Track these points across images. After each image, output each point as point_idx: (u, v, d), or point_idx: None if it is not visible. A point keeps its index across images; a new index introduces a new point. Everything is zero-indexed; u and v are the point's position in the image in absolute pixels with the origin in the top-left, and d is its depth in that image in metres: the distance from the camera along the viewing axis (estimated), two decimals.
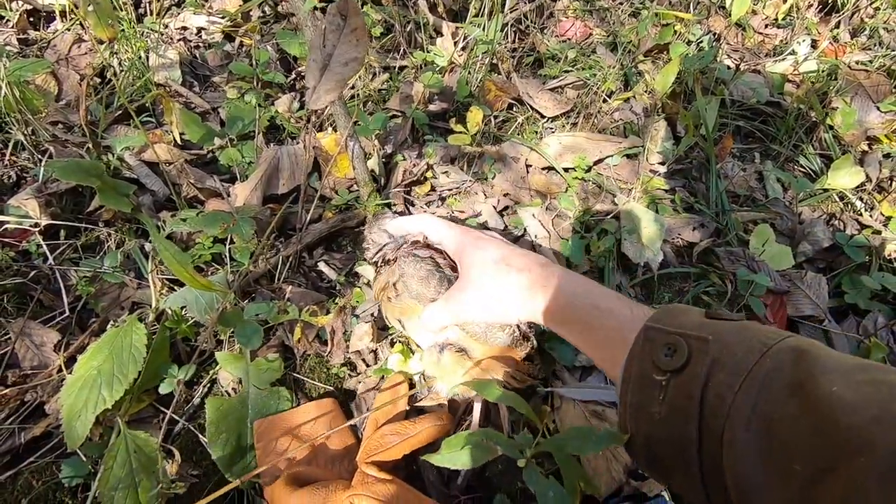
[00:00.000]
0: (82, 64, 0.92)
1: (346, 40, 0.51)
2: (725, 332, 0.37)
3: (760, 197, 0.91)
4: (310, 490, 0.50)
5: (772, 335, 0.36)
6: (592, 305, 0.48)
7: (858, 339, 0.74)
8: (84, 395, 0.52)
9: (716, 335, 0.36)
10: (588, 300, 0.48)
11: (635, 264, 0.77)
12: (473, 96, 0.94)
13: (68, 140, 0.75)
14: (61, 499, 0.53)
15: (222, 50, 1.01)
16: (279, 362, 0.61)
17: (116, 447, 0.51)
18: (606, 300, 0.48)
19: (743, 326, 0.37)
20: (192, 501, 0.54)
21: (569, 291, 0.50)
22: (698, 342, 0.37)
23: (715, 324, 0.38)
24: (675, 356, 0.37)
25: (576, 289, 0.50)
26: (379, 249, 0.60)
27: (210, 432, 0.55)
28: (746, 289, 0.75)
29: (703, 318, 0.40)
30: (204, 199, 0.72)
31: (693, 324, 0.39)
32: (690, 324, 0.39)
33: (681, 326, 0.39)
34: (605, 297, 0.48)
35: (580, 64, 1.06)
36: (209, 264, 0.67)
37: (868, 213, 0.91)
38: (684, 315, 0.41)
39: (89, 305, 0.63)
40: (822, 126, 0.98)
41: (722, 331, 0.37)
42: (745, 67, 1.10)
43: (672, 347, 0.38)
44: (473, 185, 0.84)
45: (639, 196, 0.86)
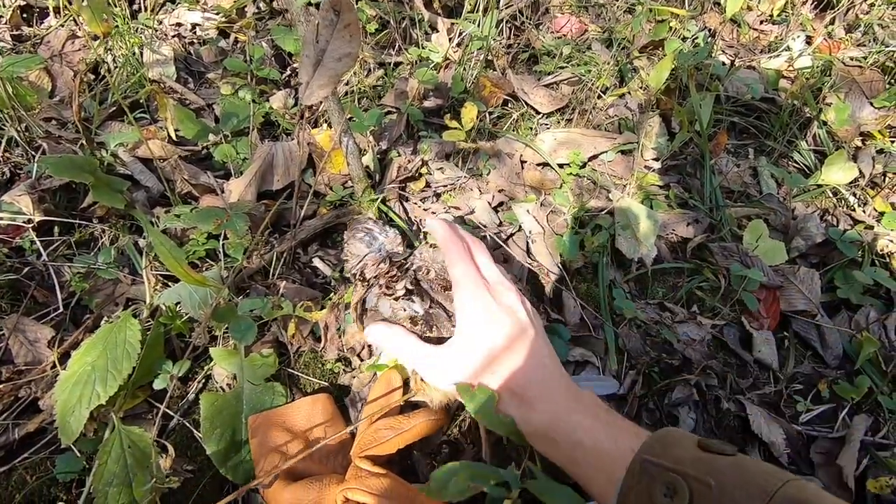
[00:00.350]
0: (76, 60, 0.92)
1: (340, 36, 0.51)
2: (725, 475, 0.36)
3: (754, 193, 0.92)
4: (304, 484, 0.50)
5: (771, 479, 0.35)
6: (576, 442, 0.45)
7: (850, 334, 0.75)
8: (78, 391, 0.52)
9: (717, 478, 0.36)
10: (573, 437, 0.45)
11: (629, 260, 0.77)
12: (468, 92, 0.94)
13: (62, 136, 0.75)
14: (56, 494, 0.53)
15: (217, 46, 1.01)
16: (274, 358, 0.61)
17: (111, 443, 0.51)
18: (591, 434, 0.45)
19: (741, 467, 0.37)
20: (187, 496, 0.54)
21: (557, 427, 0.47)
22: (699, 486, 0.36)
23: (712, 461, 0.38)
24: (676, 499, 0.36)
25: (560, 423, 0.46)
26: (358, 261, 0.57)
27: (205, 428, 0.55)
28: (740, 284, 0.76)
29: (699, 452, 0.39)
30: (198, 195, 0.72)
31: (690, 460, 0.38)
32: (688, 459, 0.38)
33: (678, 462, 0.38)
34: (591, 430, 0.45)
35: (575, 60, 1.06)
36: (203, 260, 0.67)
37: (861, 208, 0.91)
38: (679, 447, 0.40)
39: (83, 302, 0.63)
40: (815, 122, 0.99)
41: (722, 472, 0.37)
42: (740, 63, 1.10)
43: (671, 487, 0.37)
44: (468, 181, 0.84)
45: (633, 192, 0.86)
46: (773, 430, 0.64)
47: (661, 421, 0.64)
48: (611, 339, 0.68)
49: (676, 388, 0.65)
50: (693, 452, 0.39)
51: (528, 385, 0.49)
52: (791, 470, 0.63)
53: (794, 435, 0.65)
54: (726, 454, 0.38)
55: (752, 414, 0.65)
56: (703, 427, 0.64)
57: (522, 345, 0.50)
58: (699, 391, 0.66)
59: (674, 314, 0.74)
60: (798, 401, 0.69)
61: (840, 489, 0.61)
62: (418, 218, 0.79)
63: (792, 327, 0.76)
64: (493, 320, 0.50)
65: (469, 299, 0.51)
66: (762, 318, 0.75)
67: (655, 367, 0.67)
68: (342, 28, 0.51)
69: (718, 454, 0.39)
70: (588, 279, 0.76)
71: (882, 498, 0.60)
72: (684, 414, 0.64)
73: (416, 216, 0.79)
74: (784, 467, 0.63)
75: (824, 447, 0.65)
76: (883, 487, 0.59)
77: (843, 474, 0.61)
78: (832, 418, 0.69)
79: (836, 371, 0.73)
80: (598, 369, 0.66)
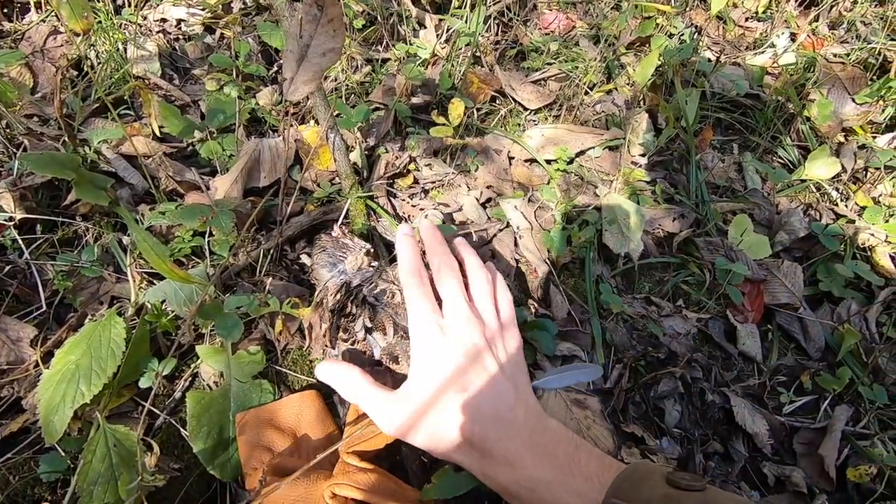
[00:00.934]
0: (58, 56, 0.90)
1: (324, 31, 0.51)
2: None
3: (739, 188, 0.93)
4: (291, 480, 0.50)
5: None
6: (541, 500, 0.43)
7: (832, 326, 0.76)
8: (62, 390, 0.52)
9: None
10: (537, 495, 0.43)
11: (616, 255, 0.78)
12: (456, 89, 0.94)
13: (44, 133, 0.74)
14: (40, 494, 0.52)
15: (202, 42, 1.00)
16: (261, 355, 0.60)
17: (95, 441, 0.51)
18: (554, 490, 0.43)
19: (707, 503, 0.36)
20: (174, 495, 0.54)
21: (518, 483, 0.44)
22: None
23: (680, 499, 0.37)
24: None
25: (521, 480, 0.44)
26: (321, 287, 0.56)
27: (191, 426, 0.55)
28: (725, 278, 0.77)
29: (667, 489, 0.38)
30: (183, 192, 0.71)
31: (658, 499, 0.37)
32: (656, 499, 0.37)
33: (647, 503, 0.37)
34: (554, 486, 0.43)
35: (563, 56, 1.06)
36: (189, 258, 0.67)
37: (843, 203, 0.93)
38: (648, 485, 0.39)
39: (67, 300, 0.62)
40: (799, 118, 1.00)
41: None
42: (726, 60, 1.11)
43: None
44: (456, 177, 0.84)
45: (620, 187, 0.87)
46: (757, 421, 0.65)
47: (647, 414, 0.65)
48: (598, 334, 0.69)
49: (662, 380, 0.66)
50: (661, 490, 0.38)
51: (486, 439, 0.45)
52: (774, 460, 0.64)
53: (778, 426, 0.67)
54: (694, 489, 0.38)
55: (737, 406, 0.65)
56: (688, 419, 0.65)
57: (481, 393, 0.47)
58: (684, 384, 0.67)
59: (660, 308, 0.74)
60: (781, 392, 0.70)
61: (822, 478, 0.62)
62: (406, 214, 0.79)
63: (776, 320, 0.77)
64: (445, 365, 0.47)
65: (418, 340, 0.49)
66: (746, 311, 0.76)
67: (642, 361, 0.68)
68: (326, 22, 0.50)
69: (687, 490, 0.38)
70: (575, 274, 0.77)
71: (862, 486, 0.62)
72: (670, 406, 0.65)
73: (405, 212, 0.79)
74: (768, 458, 0.64)
75: (807, 437, 0.66)
76: (863, 476, 0.60)
77: (825, 464, 0.62)
78: (814, 409, 0.70)
79: (819, 363, 0.74)
80: (586, 362, 0.66)
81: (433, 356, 0.49)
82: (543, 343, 0.65)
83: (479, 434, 0.46)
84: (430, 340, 0.49)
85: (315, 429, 0.57)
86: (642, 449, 0.60)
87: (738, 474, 0.63)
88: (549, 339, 0.66)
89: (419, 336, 0.50)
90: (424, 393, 0.48)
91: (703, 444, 0.64)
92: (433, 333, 0.49)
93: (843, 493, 0.63)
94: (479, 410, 0.46)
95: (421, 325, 0.50)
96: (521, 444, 0.45)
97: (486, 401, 0.47)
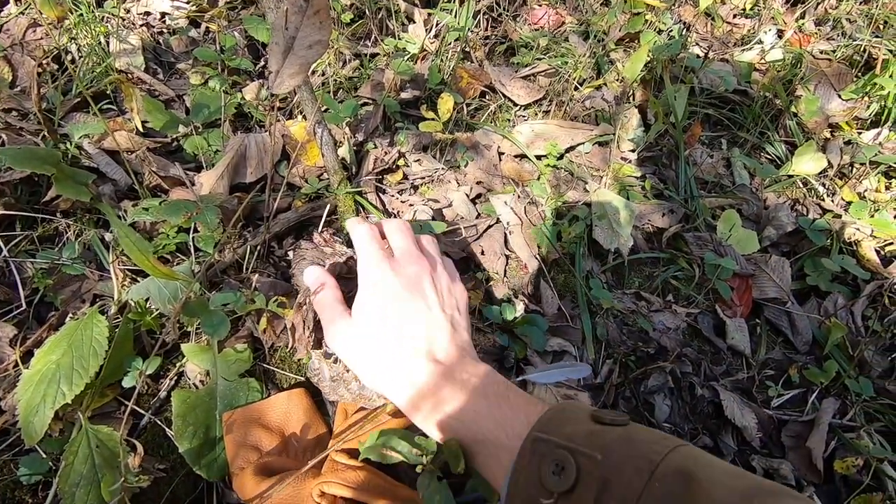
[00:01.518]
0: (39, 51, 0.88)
1: (310, 23, 0.50)
2: (613, 448, 0.35)
3: (728, 183, 0.93)
4: (280, 479, 0.49)
5: (656, 447, 0.35)
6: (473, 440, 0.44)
7: (819, 320, 0.76)
8: (42, 390, 0.50)
9: (604, 452, 0.35)
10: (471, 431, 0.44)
11: (606, 250, 0.78)
12: (445, 84, 0.94)
13: (23, 128, 0.72)
14: (20, 497, 0.51)
15: (187, 36, 0.98)
16: (248, 353, 0.60)
17: (77, 442, 0.50)
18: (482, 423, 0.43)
19: (629, 439, 0.36)
20: (159, 496, 0.53)
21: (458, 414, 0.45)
22: (587, 461, 0.35)
23: (603, 434, 0.37)
24: (563, 476, 0.35)
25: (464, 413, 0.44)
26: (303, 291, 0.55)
27: (177, 425, 0.54)
28: (713, 273, 0.77)
29: (592, 425, 0.38)
30: (167, 188, 0.70)
31: (582, 434, 0.37)
32: (580, 434, 0.37)
33: (570, 438, 0.37)
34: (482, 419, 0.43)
35: (552, 52, 1.06)
36: (174, 255, 0.66)
37: (830, 198, 0.94)
38: (573, 422, 0.39)
39: (48, 298, 0.61)
40: (786, 114, 1.00)
41: (610, 445, 0.36)
42: (714, 56, 1.11)
43: (560, 464, 0.36)
44: (446, 173, 0.83)
45: (610, 183, 0.87)
46: (746, 414, 0.65)
47: (637, 409, 0.65)
48: (588, 329, 0.69)
49: (652, 375, 0.66)
50: (586, 426, 0.38)
51: (416, 371, 0.47)
52: (763, 453, 0.65)
53: (766, 419, 0.67)
54: (617, 424, 0.38)
55: (726, 399, 0.66)
56: (678, 413, 0.65)
57: (417, 325, 0.49)
58: (674, 378, 0.67)
59: (650, 303, 0.75)
60: (770, 386, 0.71)
61: (809, 471, 0.63)
62: (396, 210, 0.78)
63: (764, 314, 0.77)
64: (388, 293, 0.50)
65: (364, 268, 0.52)
66: (735, 305, 0.77)
67: (632, 356, 0.68)
68: (312, 14, 0.49)
69: (611, 426, 0.38)
70: (566, 270, 0.76)
71: (849, 478, 0.62)
72: (660, 401, 0.65)
73: (394, 208, 0.78)
74: (757, 451, 0.65)
75: (795, 430, 0.67)
76: (849, 468, 0.61)
77: (813, 456, 0.63)
78: (802, 402, 0.70)
79: (806, 356, 0.75)
80: (576, 359, 0.66)
81: (379, 284, 0.51)
82: (534, 338, 0.65)
83: (410, 366, 0.47)
84: (377, 266, 0.51)
85: (303, 427, 0.56)
86: None
87: None
88: (539, 335, 0.65)
89: (368, 266, 0.52)
90: (366, 321, 0.50)
91: (692, 439, 0.64)
92: (380, 260, 0.52)
93: (831, 485, 0.63)
94: (413, 343, 0.48)
95: (367, 255, 0.52)
96: (449, 379, 0.46)
97: (420, 333, 0.49)
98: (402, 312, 0.49)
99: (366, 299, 0.51)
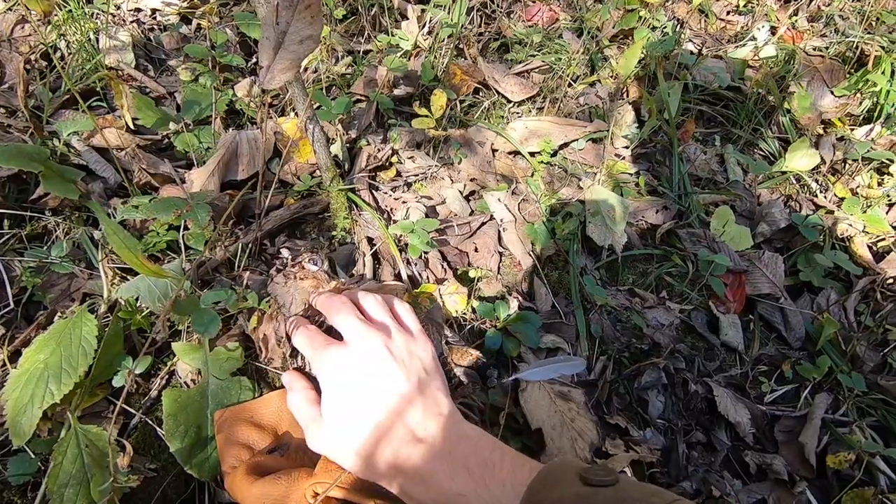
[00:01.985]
0: (26, 46, 0.87)
1: (301, 17, 0.50)
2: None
3: (721, 180, 0.93)
4: (271, 479, 0.49)
5: None
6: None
7: (812, 316, 0.77)
8: (30, 390, 0.50)
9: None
10: None
11: (600, 247, 0.78)
12: (439, 80, 0.93)
13: (11, 125, 0.71)
14: (10, 498, 0.50)
15: (178, 32, 0.98)
16: (240, 351, 0.59)
17: (66, 442, 0.49)
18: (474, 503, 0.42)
19: (619, 500, 0.36)
20: (150, 496, 0.52)
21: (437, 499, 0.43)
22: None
23: (592, 496, 0.37)
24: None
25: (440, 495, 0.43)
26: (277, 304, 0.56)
27: (168, 425, 0.53)
28: (707, 269, 0.77)
29: (581, 488, 0.38)
30: (158, 185, 0.69)
31: (571, 498, 0.37)
32: (568, 498, 0.37)
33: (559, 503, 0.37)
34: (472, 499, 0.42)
35: (546, 48, 1.06)
36: (164, 253, 0.65)
37: (822, 194, 0.94)
38: (560, 486, 0.38)
39: (36, 297, 0.60)
40: (779, 110, 1.01)
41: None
42: (708, 52, 1.11)
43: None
44: (440, 169, 0.83)
45: (603, 180, 0.87)
46: (739, 410, 0.66)
47: (631, 405, 0.65)
48: (582, 326, 0.69)
49: (646, 371, 0.66)
50: (575, 488, 0.38)
51: (397, 458, 0.45)
52: (756, 449, 0.65)
53: (759, 415, 0.67)
54: (606, 484, 0.37)
55: (719, 395, 0.66)
56: (671, 409, 0.65)
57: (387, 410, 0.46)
58: (668, 374, 0.67)
59: (643, 300, 0.75)
60: (763, 381, 0.71)
61: (802, 465, 0.63)
62: (389, 207, 0.78)
63: (757, 310, 0.78)
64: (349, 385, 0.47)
65: (315, 369, 0.50)
66: (729, 302, 0.77)
67: (626, 352, 0.68)
68: (303, 9, 0.49)
69: (600, 486, 0.37)
70: (559, 267, 0.76)
71: (841, 473, 0.62)
72: (653, 397, 0.65)
73: (387, 205, 0.78)
74: (750, 447, 0.65)
75: (788, 426, 0.67)
76: (842, 462, 0.61)
77: (805, 451, 0.63)
78: (795, 398, 0.71)
79: (799, 352, 0.75)
80: (569, 356, 0.66)
81: (334, 378, 0.48)
82: (527, 335, 0.65)
83: (390, 455, 0.45)
84: (333, 363, 0.49)
85: (296, 426, 0.56)
86: (626, 440, 0.60)
87: (720, 463, 0.63)
88: (533, 332, 0.65)
89: (317, 366, 0.49)
90: (334, 422, 0.48)
91: (686, 434, 0.64)
92: (333, 356, 0.49)
93: (823, 479, 0.63)
94: (387, 431, 0.45)
95: (316, 356, 0.50)
96: (433, 458, 0.44)
97: (392, 417, 0.46)
98: (367, 402, 0.47)
99: (327, 399, 0.48)
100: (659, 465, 0.60)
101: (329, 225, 0.74)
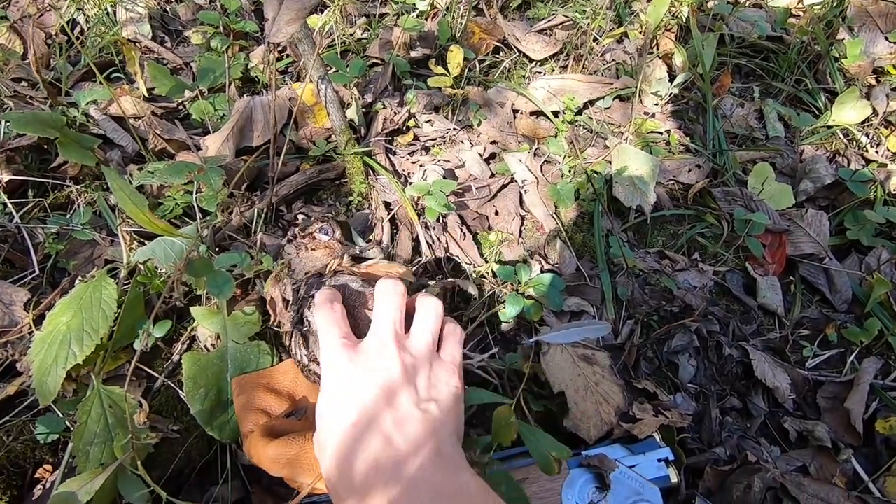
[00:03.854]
0: (47, 21, 0.88)
1: None
2: None
3: (760, 136, 0.87)
4: (286, 440, 0.48)
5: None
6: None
7: (860, 277, 0.71)
8: (54, 351, 0.51)
9: None
10: None
11: (627, 208, 0.74)
12: (456, 40, 0.90)
13: (32, 97, 0.72)
14: (41, 457, 0.52)
15: (194, 3, 0.97)
16: (257, 315, 0.59)
17: (90, 402, 0.50)
18: None
19: None
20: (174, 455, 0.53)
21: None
22: None
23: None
24: None
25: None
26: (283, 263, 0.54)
27: (188, 387, 0.54)
28: (744, 229, 0.72)
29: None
30: (173, 151, 0.69)
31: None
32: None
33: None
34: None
35: (570, 3, 1.00)
36: (181, 219, 0.65)
37: (874, 148, 0.87)
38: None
39: (60, 264, 0.61)
40: (826, 59, 0.93)
41: None
42: (745, 1, 1.04)
43: None
44: (458, 132, 0.80)
45: (631, 139, 0.82)
46: (778, 375, 0.62)
47: (660, 369, 0.62)
48: (608, 288, 0.66)
49: (676, 335, 0.63)
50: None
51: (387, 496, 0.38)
52: (796, 415, 0.61)
53: (800, 380, 0.63)
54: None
55: (756, 360, 0.62)
56: (704, 374, 0.62)
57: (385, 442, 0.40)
58: (700, 338, 0.63)
59: (674, 262, 0.71)
60: (804, 346, 0.66)
61: (847, 432, 0.59)
62: (406, 171, 0.76)
63: (799, 272, 0.73)
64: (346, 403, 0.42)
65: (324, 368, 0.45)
66: (767, 263, 0.72)
67: (654, 315, 0.65)
68: None
69: None
70: (584, 229, 0.73)
71: (891, 439, 0.58)
72: (684, 361, 0.62)
73: (404, 169, 0.76)
74: (789, 413, 0.61)
75: (831, 391, 0.63)
76: (893, 428, 0.57)
77: (851, 417, 0.59)
78: (840, 363, 0.66)
79: (845, 315, 0.70)
80: (595, 318, 0.64)
81: (337, 391, 0.43)
82: (550, 297, 0.62)
83: (381, 491, 0.39)
84: (336, 371, 0.44)
85: (312, 392, 0.55)
86: (655, 405, 0.57)
87: (757, 430, 0.60)
88: (556, 294, 0.63)
89: (325, 365, 0.45)
90: (322, 420, 0.44)
91: (720, 400, 0.61)
92: (339, 363, 0.44)
93: (871, 447, 0.59)
94: (379, 465, 0.39)
95: (327, 353, 0.45)
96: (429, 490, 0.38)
97: (390, 452, 0.39)
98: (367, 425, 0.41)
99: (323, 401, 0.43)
100: (690, 430, 0.57)
101: (346, 190, 0.73)
